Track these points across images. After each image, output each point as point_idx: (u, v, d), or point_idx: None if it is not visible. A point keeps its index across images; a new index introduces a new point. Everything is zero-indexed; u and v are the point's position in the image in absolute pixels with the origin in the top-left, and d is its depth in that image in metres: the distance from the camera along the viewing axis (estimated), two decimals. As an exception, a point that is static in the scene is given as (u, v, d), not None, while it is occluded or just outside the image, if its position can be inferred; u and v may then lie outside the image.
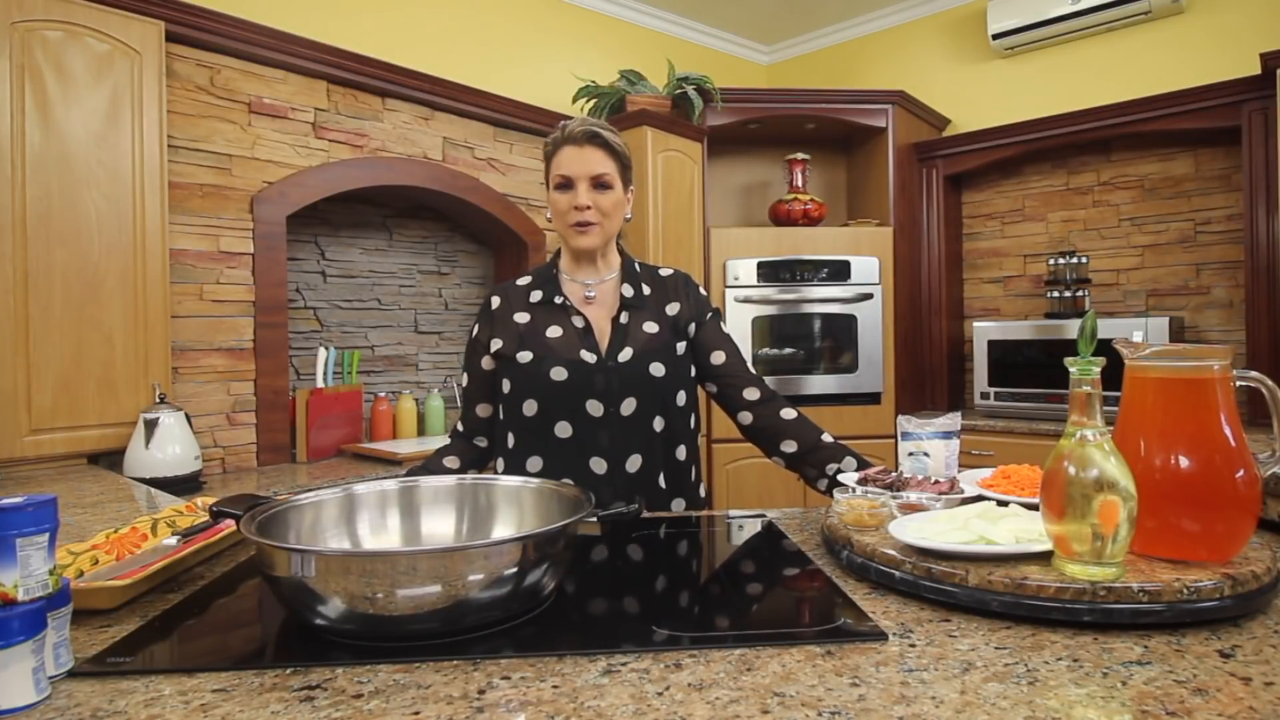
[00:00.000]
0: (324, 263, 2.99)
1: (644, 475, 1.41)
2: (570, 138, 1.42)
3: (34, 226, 2.03)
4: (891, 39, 4.23)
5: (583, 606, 0.88)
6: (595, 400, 1.38)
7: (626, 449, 1.40)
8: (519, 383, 1.41)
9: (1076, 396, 0.82)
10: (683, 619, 0.83)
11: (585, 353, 1.41)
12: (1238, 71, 3.08)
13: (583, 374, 1.39)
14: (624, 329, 1.45)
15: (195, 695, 0.65)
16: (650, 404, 1.41)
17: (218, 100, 2.46)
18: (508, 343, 1.44)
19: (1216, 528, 0.83)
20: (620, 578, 1.01)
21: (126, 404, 2.18)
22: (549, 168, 1.45)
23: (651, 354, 1.42)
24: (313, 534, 0.96)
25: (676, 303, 1.51)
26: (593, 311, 1.47)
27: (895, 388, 3.53)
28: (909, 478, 1.19)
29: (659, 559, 1.08)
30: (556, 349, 1.41)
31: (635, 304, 1.47)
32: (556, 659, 0.72)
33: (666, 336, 1.46)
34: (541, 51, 3.59)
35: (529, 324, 1.45)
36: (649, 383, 1.41)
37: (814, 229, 3.53)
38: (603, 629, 0.82)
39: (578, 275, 1.50)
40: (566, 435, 1.39)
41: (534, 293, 1.48)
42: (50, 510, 0.68)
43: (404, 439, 2.98)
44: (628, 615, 0.86)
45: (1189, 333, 3.35)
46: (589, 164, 1.40)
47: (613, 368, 1.40)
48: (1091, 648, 0.72)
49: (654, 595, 0.92)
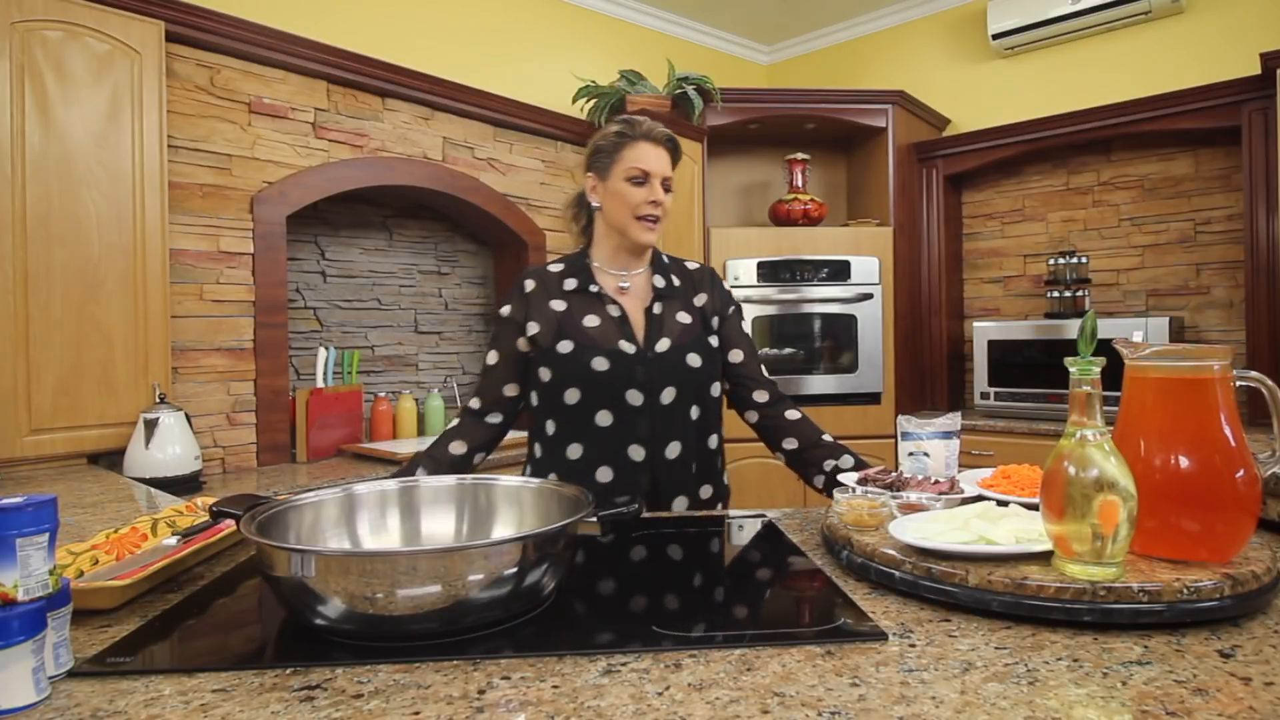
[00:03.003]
0: (324, 263, 2.99)
1: (680, 462, 1.45)
2: (651, 136, 1.47)
3: (34, 226, 2.02)
4: (891, 39, 4.23)
5: (583, 606, 0.88)
6: (635, 390, 1.42)
7: (666, 437, 1.43)
8: (560, 372, 1.43)
9: (1076, 396, 0.82)
10: (683, 619, 0.83)
11: (624, 343, 1.44)
12: (1238, 71, 3.08)
13: (623, 364, 1.42)
14: (658, 319, 1.48)
15: (195, 695, 0.65)
16: (688, 393, 1.45)
17: (218, 100, 2.46)
18: (545, 330, 1.45)
19: (1216, 528, 0.83)
20: (620, 578, 1.01)
21: (126, 404, 2.18)
22: (615, 158, 1.47)
23: (687, 345, 1.47)
24: (313, 534, 0.96)
25: (704, 295, 1.56)
26: (627, 301, 1.50)
27: (895, 388, 3.53)
28: (909, 478, 1.19)
29: (659, 559, 1.08)
30: (596, 339, 1.43)
31: (667, 294, 1.52)
32: (556, 659, 0.72)
33: (699, 329, 1.51)
34: (541, 51, 3.59)
35: (565, 312, 1.47)
36: (687, 373, 1.45)
37: (814, 229, 3.53)
38: (603, 629, 0.82)
39: (613, 266, 1.53)
40: (607, 424, 1.42)
41: (568, 280, 1.50)
42: (50, 510, 0.68)
43: (404, 439, 2.98)
44: (628, 615, 0.86)
45: (1189, 333, 3.35)
46: (664, 164, 1.47)
47: (652, 358, 1.44)
48: (1091, 648, 0.72)
49: (654, 595, 0.92)
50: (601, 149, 1.49)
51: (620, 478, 1.42)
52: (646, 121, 1.49)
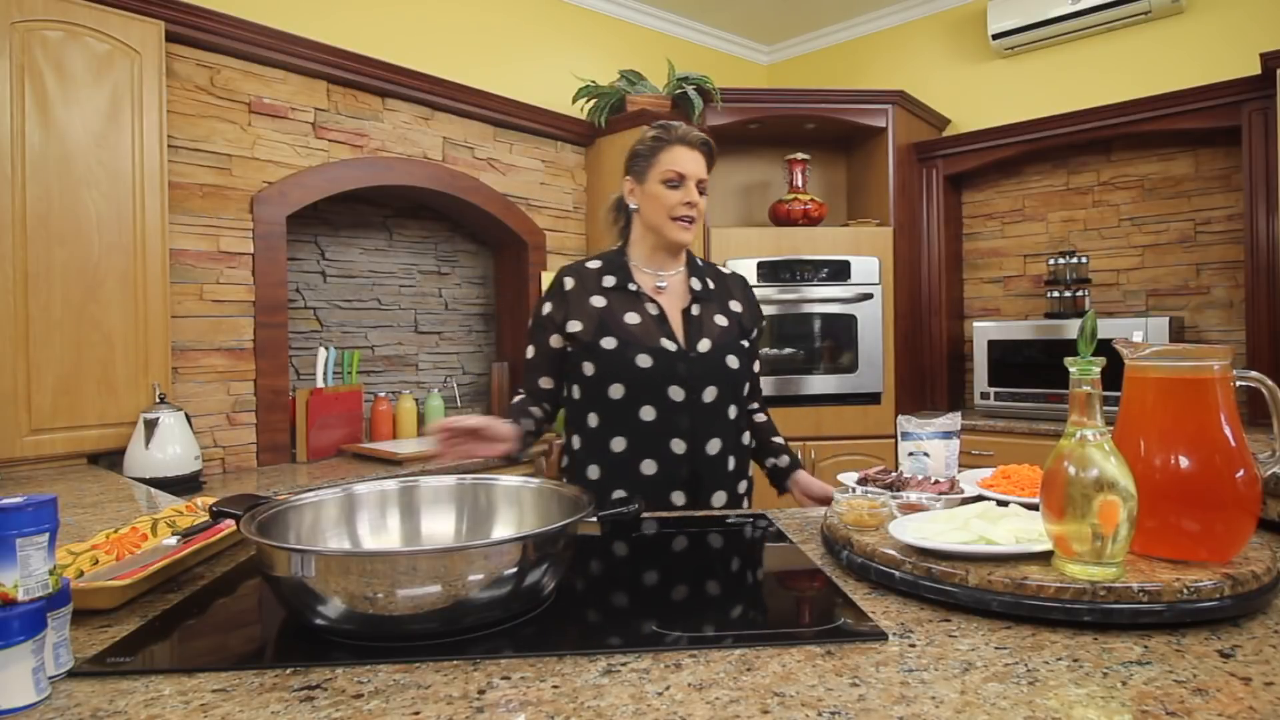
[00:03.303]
0: (324, 263, 2.99)
1: (720, 457, 1.52)
2: (685, 139, 1.53)
3: (34, 226, 2.02)
4: (891, 39, 4.23)
5: (583, 606, 0.88)
6: (677, 386, 1.48)
7: (707, 433, 1.50)
8: (604, 368, 1.48)
9: (1076, 396, 0.82)
10: (683, 619, 0.83)
11: (665, 340, 1.50)
12: (1238, 71, 3.08)
13: (666, 361, 1.48)
14: (697, 320, 1.55)
15: (195, 695, 0.65)
16: (728, 392, 1.53)
17: (218, 100, 2.46)
18: (586, 326, 1.50)
19: (1216, 528, 0.83)
20: (620, 578, 1.01)
21: (126, 404, 2.18)
22: (651, 161, 1.53)
23: (726, 347, 1.54)
24: (313, 534, 0.96)
25: (739, 303, 1.64)
26: (664, 301, 1.56)
27: (895, 388, 3.53)
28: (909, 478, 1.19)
29: (659, 559, 1.08)
30: (639, 336, 1.49)
31: (704, 297, 1.58)
32: (556, 659, 0.72)
33: (735, 333, 1.58)
34: (541, 51, 3.59)
35: (606, 309, 1.52)
36: (728, 374, 1.52)
37: (814, 229, 3.53)
38: (603, 629, 0.82)
39: (651, 266, 1.59)
40: (650, 418, 1.47)
41: (606, 278, 1.56)
42: (50, 510, 0.68)
43: (404, 439, 2.98)
44: (628, 615, 0.86)
45: (1189, 333, 3.35)
46: (699, 167, 1.53)
47: (694, 358, 1.50)
48: (1091, 648, 0.72)
49: (654, 595, 0.92)
50: (639, 153, 1.56)
51: (663, 470, 1.47)
52: (682, 126, 1.55)
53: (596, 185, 3.58)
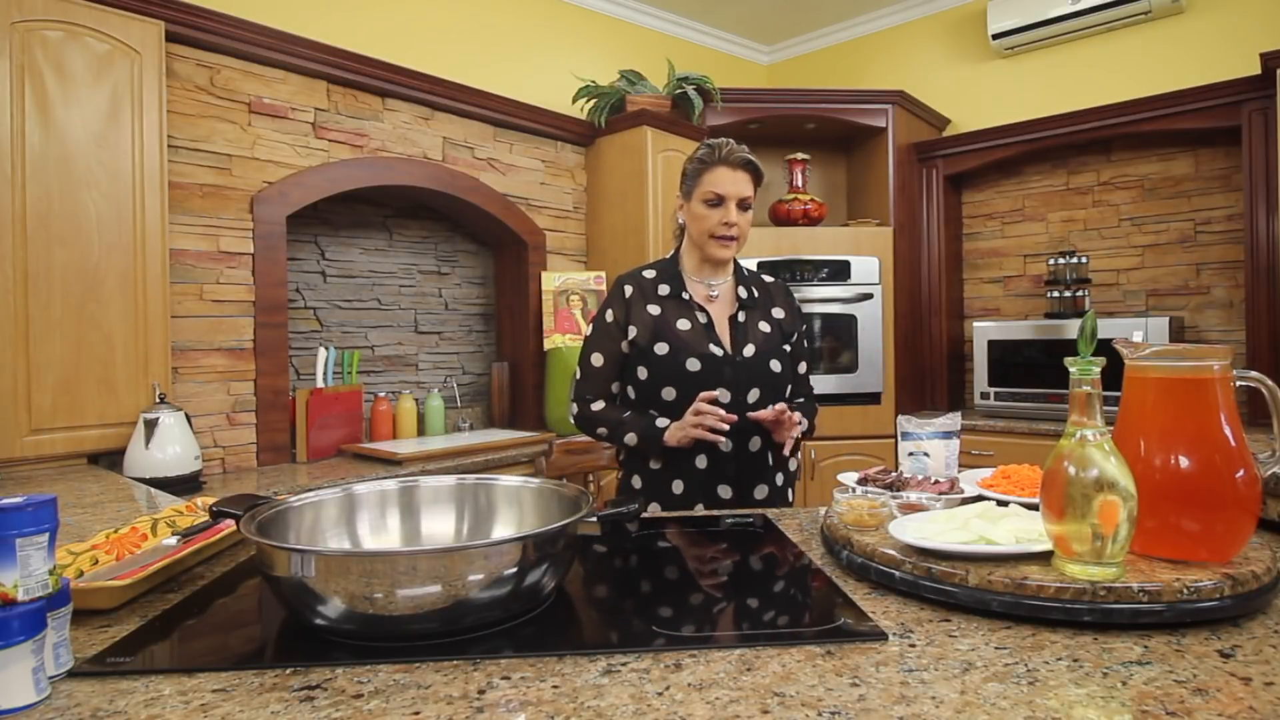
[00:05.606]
0: (324, 263, 2.99)
1: (760, 454, 1.60)
2: (727, 160, 1.59)
3: (34, 226, 2.02)
4: (891, 39, 4.23)
5: (583, 606, 0.88)
6: (724, 388, 1.57)
7: (749, 431, 1.57)
8: (657, 372, 1.59)
9: (1076, 396, 0.82)
10: (683, 619, 0.83)
11: (713, 346, 1.60)
12: (1238, 71, 3.08)
13: (713, 365, 1.58)
14: (743, 327, 1.64)
15: (195, 695, 0.65)
16: (770, 394, 1.61)
17: (218, 100, 2.46)
18: (641, 332, 1.61)
19: (1216, 528, 0.83)
20: (620, 578, 1.01)
21: (126, 404, 2.18)
22: (696, 181, 1.62)
23: (770, 352, 1.63)
24: (313, 534, 0.96)
25: (781, 309, 1.72)
26: (714, 309, 1.66)
27: (895, 388, 3.53)
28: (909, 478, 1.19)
29: (659, 559, 1.08)
30: (689, 342, 1.59)
31: (750, 304, 1.68)
32: (556, 659, 0.72)
33: (778, 338, 1.67)
34: (541, 51, 3.58)
35: (660, 316, 1.62)
36: (771, 377, 1.61)
37: (814, 229, 3.53)
38: (603, 629, 0.82)
39: (701, 276, 1.69)
40: None
41: (661, 286, 1.66)
42: (50, 510, 0.68)
43: (404, 439, 2.98)
44: (628, 615, 0.86)
45: (1189, 333, 3.35)
46: (740, 187, 1.60)
47: (740, 362, 1.60)
48: (1091, 648, 0.72)
49: (654, 595, 0.92)
50: (687, 173, 1.65)
51: (713, 465, 1.58)
52: (728, 145, 1.60)
53: (596, 185, 3.58)
